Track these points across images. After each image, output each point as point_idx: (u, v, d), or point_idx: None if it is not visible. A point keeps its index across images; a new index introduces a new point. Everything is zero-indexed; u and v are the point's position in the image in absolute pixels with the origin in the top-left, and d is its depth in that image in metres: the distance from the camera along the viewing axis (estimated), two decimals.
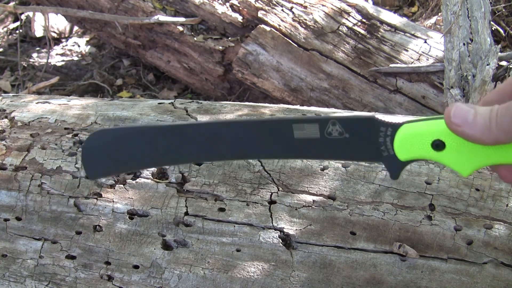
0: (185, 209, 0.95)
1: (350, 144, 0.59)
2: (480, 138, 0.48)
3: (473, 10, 1.98)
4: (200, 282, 0.92)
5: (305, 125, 0.59)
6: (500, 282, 0.85)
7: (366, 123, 0.58)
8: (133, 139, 0.64)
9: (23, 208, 1.00)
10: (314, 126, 0.59)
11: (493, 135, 0.47)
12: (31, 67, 3.27)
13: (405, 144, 0.57)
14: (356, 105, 2.14)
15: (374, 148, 0.58)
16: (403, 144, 0.57)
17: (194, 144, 0.63)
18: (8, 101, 1.24)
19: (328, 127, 0.59)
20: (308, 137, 0.60)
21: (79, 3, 2.74)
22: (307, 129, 0.59)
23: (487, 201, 0.90)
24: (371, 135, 0.58)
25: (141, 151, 0.64)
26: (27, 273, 0.98)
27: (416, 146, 0.56)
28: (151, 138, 0.64)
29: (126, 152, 0.64)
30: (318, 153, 0.61)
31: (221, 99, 2.63)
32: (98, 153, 0.64)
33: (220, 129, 0.63)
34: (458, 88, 1.90)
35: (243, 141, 0.63)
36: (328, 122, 0.58)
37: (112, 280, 0.95)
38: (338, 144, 0.59)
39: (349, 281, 0.88)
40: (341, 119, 0.59)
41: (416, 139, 0.56)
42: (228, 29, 2.41)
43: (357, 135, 0.58)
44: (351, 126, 0.58)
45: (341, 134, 0.59)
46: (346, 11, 2.20)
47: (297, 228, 0.91)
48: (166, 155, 0.65)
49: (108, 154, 0.64)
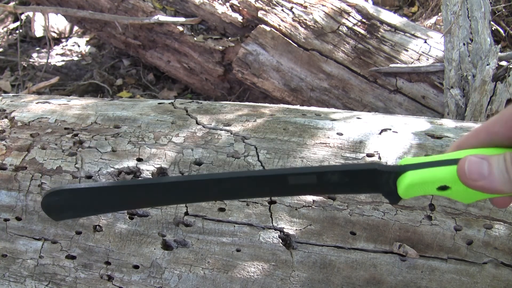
0: (185, 209, 0.95)
1: (349, 186, 0.57)
2: (501, 190, 0.47)
3: (473, 10, 1.98)
4: (200, 282, 0.92)
5: (301, 176, 0.58)
6: (500, 282, 0.85)
7: (367, 174, 0.56)
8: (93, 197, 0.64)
9: (23, 208, 1.00)
10: (311, 177, 0.57)
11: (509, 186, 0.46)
12: (31, 67, 3.27)
13: (409, 190, 0.55)
14: (356, 105, 2.14)
15: (375, 190, 0.57)
16: (407, 191, 0.55)
17: (176, 196, 0.63)
18: (8, 101, 1.24)
19: (327, 176, 0.57)
20: (304, 183, 0.58)
21: (79, 3, 2.74)
22: (303, 179, 0.58)
23: (487, 201, 0.90)
24: (373, 182, 0.56)
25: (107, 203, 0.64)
26: (27, 273, 0.98)
27: (421, 191, 0.55)
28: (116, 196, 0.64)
29: (89, 205, 0.64)
30: (314, 192, 0.59)
31: (221, 99, 2.63)
32: (57, 207, 0.64)
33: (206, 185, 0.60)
34: (458, 88, 1.90)
35: (232, 192, 0.61)
36: (327, 173, 0.57)
37: (112, 280, 0.95)
38: (336, 187, 0.58)
39: (349, 281, 0.88)
40: (341, 170, 0.57)
41: (421, 187, 0.54)
42: (228, 29, 2.41)
43: (358, 181, 0.57)
44: (351, 176, 0.57)
45: (340, 180, 0.57)
46: (346, 11, 2.20)
47: (297, 228, 0.91)
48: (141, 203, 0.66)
49: (68, 207, 0.64)
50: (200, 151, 1.00)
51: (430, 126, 1.07)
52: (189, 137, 1.04)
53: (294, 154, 0.98)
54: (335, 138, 1.01)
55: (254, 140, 1.02)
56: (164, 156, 1.01)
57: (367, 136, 1.01)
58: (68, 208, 0.64)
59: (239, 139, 1.02)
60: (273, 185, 0.59)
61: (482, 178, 0.47)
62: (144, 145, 1.03)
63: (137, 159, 1.01)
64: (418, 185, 0.54)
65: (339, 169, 0.57)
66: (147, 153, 1.02)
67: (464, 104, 1.86)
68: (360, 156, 0.96)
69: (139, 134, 1.06)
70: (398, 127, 1.05)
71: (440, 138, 1.00)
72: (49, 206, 0.63)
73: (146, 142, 1.04)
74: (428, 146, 0.98)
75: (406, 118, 1.14)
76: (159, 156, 1.01)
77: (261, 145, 1.00)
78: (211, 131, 1.06)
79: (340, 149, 0.98)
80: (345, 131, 1.03)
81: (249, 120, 1.09)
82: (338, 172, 0.56)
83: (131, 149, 1.03)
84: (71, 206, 0.63)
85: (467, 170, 0.47)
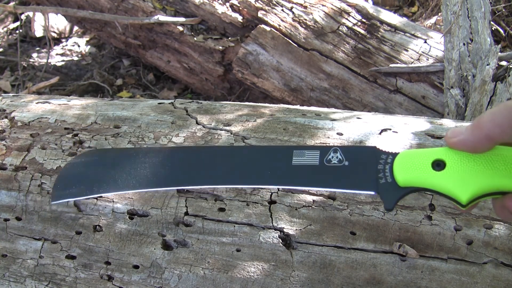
0: (185, 209, 0.95)
1: (348, 172, 0.59)
2: (472, 139, 0.54)
3: (473, 10, 1.98)
4: (200, 282, 0.92)
5: (305, 151, 0.60)
6: (500, 282, 0.85)
7: (367, 151, 0.59)
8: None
9: (23, 208, 1.00)
10: (314, 153, 0.60)
11: (483, 131, 0.53)
12: (31, 67, 3.27)
13: (404, 164, 0.56)
14: (356, 105, 2.14)
15: (372, 175, 0.58)
16: (403, 164, 0.57)
17: (190, 169, 0.64)
18: (8, 101, 1.24)
19: (329, 154, 0.59)
20: (306, 164, 0.60)
21: (79, 3, 2.74)
22: (307, 155, 0.60)
23: (487, 201, 0.90)
24: (371, 162, 0.58)
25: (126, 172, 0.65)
26: (27, 273, 0.98)
27: (416, 166, 0.56)
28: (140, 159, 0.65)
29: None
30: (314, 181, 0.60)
31: (221, 99, 2.63)
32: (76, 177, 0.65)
33: (215, 155, 0.63)
34: (458, 88, 1.90)
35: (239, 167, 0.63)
36: (329, 150, 0.59)
37: (112, 280, 0.95)
38: (335, 172, 0.59)
39: (349, 281, 0.88)
40: (343, 147, 0.60)
41: (416, 159, 0.56)
42: (228, 29, 2.41)
43: (357, 162, 0.59)
44: (352, 153, 0.59)
45: (340, 161, 0.59)
46: (346, 11, 2.20)
47: (297, 228, 0.91)
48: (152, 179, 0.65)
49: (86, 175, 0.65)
50: None
51: (430, 126, 1.07)
52: (189, 137, 1.04)
53: None
54: (335, 138, 1.01)
55: (254, 140, 1.02)
56: None
57: (367, 136, 1.01)
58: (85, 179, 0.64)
59: (239, 139, 1.02)
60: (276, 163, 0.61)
61: (459, 135, 0.55)
62: (144, 145, 1.03)
63: None
64: (413, 157, 0.56)
65: (341, 146, 0.60)
66: None
67: (464, 104, 1.86)
68: None
69: (139, 134, 1.06)
70: (398, 127, 1.05)
71: (440, 138, 1.00)
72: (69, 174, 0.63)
73: (146, 142, 1.04)
74: (428, 146, 0.98)
75: (406, 118, 1.14)
76: None
77: (261, 145, 1.00)
78: (211, 131, 1.06)
79: None
80: (345, 131, 1.03)
81: (249, 120, 1.09)
82: (340, 147, 0.59)
83: None
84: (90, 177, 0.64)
85: (449, 132, 0.56)
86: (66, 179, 0.67)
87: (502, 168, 0.54)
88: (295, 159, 0.60)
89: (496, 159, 0.54)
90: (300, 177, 0.60)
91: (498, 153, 0.55)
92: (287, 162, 0.60)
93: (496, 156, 0.55)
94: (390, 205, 0.57)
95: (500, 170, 0.54)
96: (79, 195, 0.68)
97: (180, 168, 0.65)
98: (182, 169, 0.65)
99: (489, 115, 0.53)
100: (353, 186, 0.59)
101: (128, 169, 0.65)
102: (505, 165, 0.54)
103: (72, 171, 0.68)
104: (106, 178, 0.65)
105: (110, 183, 0.65)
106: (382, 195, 0.57)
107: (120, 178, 0.64)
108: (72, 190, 0.67)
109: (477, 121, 0.54)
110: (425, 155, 0.56)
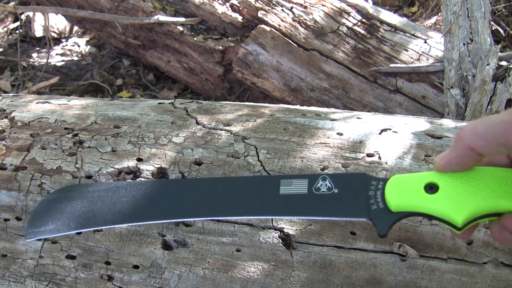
0: None
1: (338, 199, 0.57)
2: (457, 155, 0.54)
3: (473, 10, 1.98)
4: (200, 282, 0.92)
5: (293, 180, 0.59)
6: (500, 282, 0.85)
7: (357, 177, 0.58)
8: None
9: (23, 208, 1.00)
10: (303, 182, 0.58)
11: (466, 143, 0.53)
12: (31, 67, 3.27)
13: (396, 188, 0.55)
14: (356, 105, 2.15)
15: (364, 202, 0.56)
16: (395, 189, 0.55)
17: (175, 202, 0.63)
18: (8, 101, 1.24)
19: (318, 182, 0.58)
20: (294, 193, 0.58)
21: (79, 3, 2.74)
22: (295, 184, 0.59)
23: None
24: (361, 189, 0.57)
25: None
26: (27, 273, 0.98)
27: (408, 190, 0.55)
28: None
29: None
30: (304, 210, 0.59)
31: (221, 99, 2.63)
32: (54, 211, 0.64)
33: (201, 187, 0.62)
34: (458, 88, 1.90)
35: (226, 199, 0.61)
36: (318, 178, 0.58)
37: (112, 280, 0.95)
38: (325, 200, 0.58)
39: (349, 281, 0.88)
40: (332, 175, 0.59)
41: (408, 183, 0.55)
42: (228, 29, 2.41)
43: (347, 189, 0.57)
44: (341, 181, 0.58)
45: (330, 189, 0.57)
46: (346, 11, 2.20)
47: (297, 228, 0.91)
48: (136, 213, 0.64)
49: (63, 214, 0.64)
50: (200, 151, 1.01)
51: (430, 126, 1.07)
52: (189, 137, 1.04)
53: (294, 154, 0.98)
54: (335, 138, 1.01)
55: (254, 140, 1.02)
56: (164, 156, 1.01)
57: (367, 136, 1.01)
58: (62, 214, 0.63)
59: (239, 139, 1.02)
60: (264, 193, 0.60)
61: (446, 156, 0.56)
62: (144, 145, 1.03)
63: (137, 159, 1.01)
64: (405, 180, 0.55)
65: (330, 174, 0.59)
66: (147, 153, 1.02)
67: (464, 104, 1.86)
68: (360, 156, 0.96)
69: (139, 134, 1.06)
70: (398, 127, 1.05)
71: (440, 138, 1.00)
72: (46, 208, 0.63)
73: (146, 142, 1.04)
74: (428, 146, 0.98)
75: (406, 118, 1.14)
76: (159, 156, 1.01)
77: (261, 145, 1.00)
78: (211, 131, 1.06)
79: (340, 149, 0.98)
80: (345, 131, 1.03)
81: (249, 120, 1.09)
82: (328, 176, 0.58)
83: (131, 149, 1.03)
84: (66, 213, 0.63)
85: (437, 157, 0.57)
86: (42, 216, 0.66)
87: (497, 188, 0.53)
88: (282, 188, 0.59)
89: (490, 179, 0.53)
90: (289, 207, 0.58)
91: (492, 174, 0.54)
92: (274, 192, 0.59)
93: (490, 177, 0.54)
94: (384, 231, 0.55)
95: (495, 191, 0.53)
96: (55, 232, 0.67)
97: (165, 201, 0.64)
98: (167, 202, 0.64)
99: (469, 127, 0.53)
100: (344, 214, 0.58)
101: (107, 203, 0.64)
102: (499, 185, 0.53)
103: (47, 207, 0.67)
104: (84, 213, 0.65)
105: (88, 218, 0.65)
106: (374, 221, 0.56)
107: (100, 213, 0.64)
108: (47, 227, 0.66)
109: (458, 134, 0.54)
110: (417, 179, 0.55)
